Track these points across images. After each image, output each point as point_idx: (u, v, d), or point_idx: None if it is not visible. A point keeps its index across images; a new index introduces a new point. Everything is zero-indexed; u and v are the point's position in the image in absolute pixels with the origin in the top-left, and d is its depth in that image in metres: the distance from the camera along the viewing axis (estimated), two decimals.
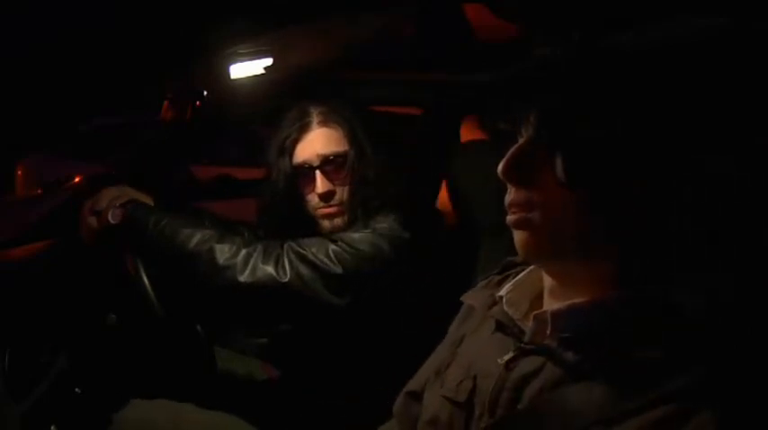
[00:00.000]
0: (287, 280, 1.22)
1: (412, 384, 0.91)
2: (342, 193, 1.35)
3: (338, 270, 1.23)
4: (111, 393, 1.40)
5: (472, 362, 0.78)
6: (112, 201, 1.34)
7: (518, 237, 0.69)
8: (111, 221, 1.32)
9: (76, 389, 1.32)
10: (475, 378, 0.75)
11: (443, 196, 1.61)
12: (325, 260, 1.24)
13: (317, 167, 1.34)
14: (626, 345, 0.64)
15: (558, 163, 0.64)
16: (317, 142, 1.35)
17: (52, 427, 1.23)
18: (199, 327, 1.53)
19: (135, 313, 1.39)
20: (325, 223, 1.38)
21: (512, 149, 0.68)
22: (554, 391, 0.66)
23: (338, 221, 1.36)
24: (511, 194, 0.68)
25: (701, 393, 0.58)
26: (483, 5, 1.04)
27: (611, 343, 0.65)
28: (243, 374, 1.61)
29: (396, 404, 0.93)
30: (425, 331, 1.08)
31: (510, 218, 0.68)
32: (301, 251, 1.25)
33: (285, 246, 1.27)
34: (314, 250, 1.25)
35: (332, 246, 1.26)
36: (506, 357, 0.71)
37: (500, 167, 0.67)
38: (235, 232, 1.49)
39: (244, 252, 1.25)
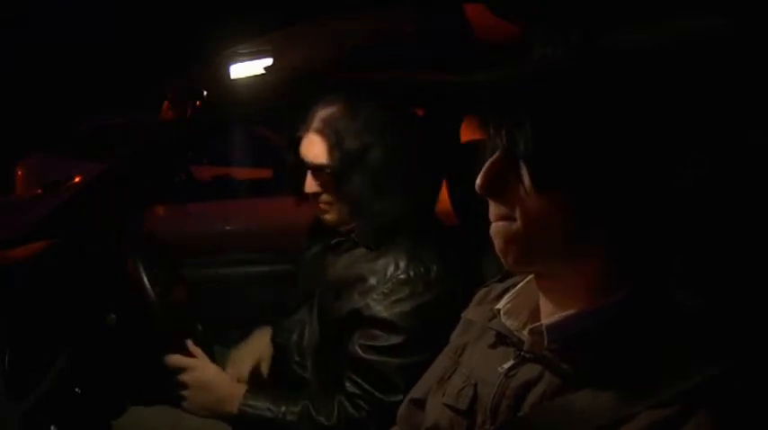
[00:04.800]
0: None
1: (415, 391, 0.92)
2: (328, 197, 1.37)
3: (397, 397, 1.20)
4: (110, 393, 1.40)
5: (473, 371, 0.78)
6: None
7: (498, 245, 0.70)
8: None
9: (76, 390, 1.32)
10: (476, 386, 0.76)
11: (443, 196, 1.61)
12: (379, 395, 1.25)
13: (309, 169, 1.37)
14: (626, 348, 0.64)
15: (525, 168, 0.65)
16: (309, 148, 1.36)
17: (52, 427, 1.24)
18: (199, 327, 1.53)
19: (135, 313, 1.39)
20: (320, 215, 1.42)
21: (487, 164, 0.69)
22: (555, 399, 0.66)
23: (329, 217, 1.40)
24: (492, 208, 0.70)
25: (701, 393, 0.58)
26: (483, 5, 1.04)
27: (611, 347, 0.65)
28: None
29: (399, 410, 0.94)
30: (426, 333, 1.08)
31: (491, 228, 0.70)
32: (357, 402, 1.26)
33: (336, 401, 1.28)
34: (367, 386, 1.26)
35: (378, 367, 1.25)
36: (506, 365, 0.72)
37: (477, 183, 0.69)
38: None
39: None
